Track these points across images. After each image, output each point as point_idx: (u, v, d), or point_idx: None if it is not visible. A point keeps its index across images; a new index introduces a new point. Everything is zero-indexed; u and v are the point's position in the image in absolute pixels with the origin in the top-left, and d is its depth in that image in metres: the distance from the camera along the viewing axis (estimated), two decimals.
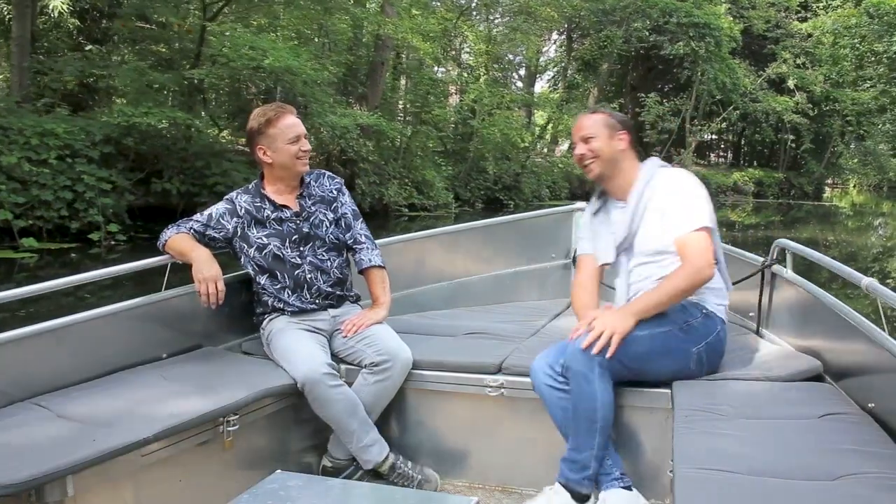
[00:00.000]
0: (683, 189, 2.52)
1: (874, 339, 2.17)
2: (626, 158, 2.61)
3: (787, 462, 1.81)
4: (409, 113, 19.52)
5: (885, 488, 1.67)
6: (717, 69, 27.39)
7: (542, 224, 4.01)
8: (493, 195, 20.39)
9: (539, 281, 3.93)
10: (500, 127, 19.94)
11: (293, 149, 2.75)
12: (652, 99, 27.06)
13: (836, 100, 30.45)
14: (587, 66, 26.43)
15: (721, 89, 27.86)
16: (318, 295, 2.83)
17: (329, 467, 2.75)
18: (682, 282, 2.40)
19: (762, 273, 2.97)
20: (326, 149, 15.04)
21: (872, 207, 31.86)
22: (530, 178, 21.86)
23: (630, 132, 2.64)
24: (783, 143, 32.62)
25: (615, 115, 2.65)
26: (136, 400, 2.30)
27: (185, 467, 2.33)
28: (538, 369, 2.47)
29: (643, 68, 31.76)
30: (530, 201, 20.77)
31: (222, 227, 2.80)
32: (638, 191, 2.57)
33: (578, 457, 2.34)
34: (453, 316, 3.51)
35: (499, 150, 21.04)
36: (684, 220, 2.46)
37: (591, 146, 2.58)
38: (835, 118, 31.44)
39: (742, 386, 2.40)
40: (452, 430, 2.82)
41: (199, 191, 12.16)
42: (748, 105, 29.28)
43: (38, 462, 1.86)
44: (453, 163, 19.82)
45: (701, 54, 26.43)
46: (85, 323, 2.48)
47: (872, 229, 21.55)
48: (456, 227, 3.95)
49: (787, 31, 29.71)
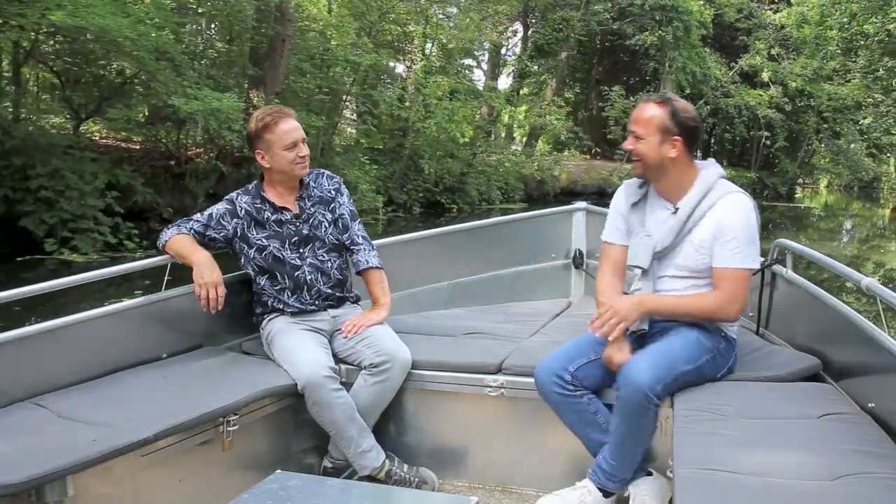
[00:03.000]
0: (747, 223, 2.40)
1: (874, 339, 2.17)
2: (676, 165, 2.44)
3: (787, 462, 1.81)
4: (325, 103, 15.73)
5: (885, 488, 1.67)
6: (686, 57, 24.90)
7: (542, 224, 4.00)
8: (433, 198, 17.55)
9: (539, 281, 3.92)
10: (438, 119, 16.91)
11: (290, 155, 2.74)
12: (616, 92, 24.21)
13: (811, 95, 28.39)
14: (541, 51, 23.75)
15: (691, 81, 25.49)
16: (317, 296, 2.83)
17: (329, 468, 2.76)
18: (708, 310, 2.40)
19: (762, 273, 2.97)
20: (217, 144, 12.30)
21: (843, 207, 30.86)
22: (478, 179, 19.10)
23: (688, 135, 2.43)
24: (756, 141, 30.61)
25: (676, 115, 2.41)
26: (136, 400, 2.30)
27: (185, 467, 2.33)
28: (545, 379, 2.46)
29: (609, 62, 30.04)
30: (477, 205, 18.36)
31: (222, 227, 2.80)
32: (692, 201, 2.43)
33: (619, 472, 2.39)
34: (453, 316, 3.51)
35: (441, 148, 18.09)
36: (735, 255, 2.38)
37: (637, 148, 2.43)
38: (810, 114, 29.48)
39: (742, 386, 2.40)
40: (452, 431, 2.82)
41: (22, 196, 9.35)
42: (719, 100, 26.96)
43: (38, 462, 1.86)
44: (389, 161, 17.17)
45: (668, 41, 23.95)
46: (85, 323, 2.48)
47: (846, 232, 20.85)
48: (456, 227, 3.95)
49: (760, 21, 27.68)
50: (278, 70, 14.24)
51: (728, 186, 2.47)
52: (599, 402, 2.48)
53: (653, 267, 2.52)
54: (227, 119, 10.81)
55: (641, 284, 2.53)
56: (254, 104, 12.95)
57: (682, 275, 2.48)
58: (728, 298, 2.40)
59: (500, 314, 3.56)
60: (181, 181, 11.84)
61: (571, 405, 2.45)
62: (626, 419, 2.30)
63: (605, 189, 23.10)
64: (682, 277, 2.49)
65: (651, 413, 2.28)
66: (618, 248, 2.62)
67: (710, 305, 2.41)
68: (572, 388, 2.43)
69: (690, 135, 2.43)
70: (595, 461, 2.45)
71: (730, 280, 2.39)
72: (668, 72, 25.02)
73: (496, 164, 20.24)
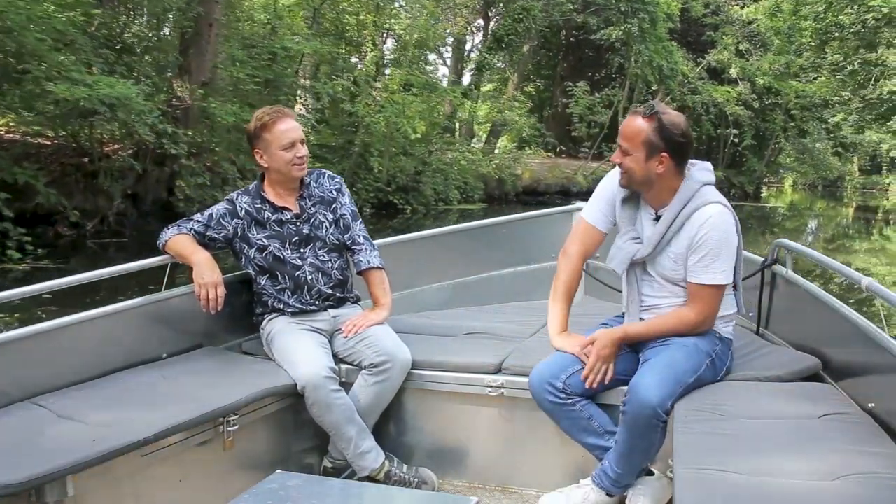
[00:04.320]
0: (721, 236, 2.37)
1: (874, 339, 2.18)
2: (662, 180, 2.39)
3: (787, 462, 1.81)
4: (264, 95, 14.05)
5: (885, 488, 1.67)
6: (653, 51, 23.49)
7: (542, 224, 4.01)
8: (385, 198, 16.35)
9: (539, 281, 3.92)
10: (388, 114, 15.69)
11: (287, 155, 2.74)
12: (581, 88, 23.22)
13: (779, 92, 27.76)
14: (500, 43, 22.27)
15: (657, 75, 24.21)
16: (318, 296, 2.83)
17: (329, 468, 2.76)
18: (679, 328, 2.42)
19: (762, 273, 2.97)
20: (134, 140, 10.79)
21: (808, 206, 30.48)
22: (434, 178, 17.68)
23: (674, 151, 2.35)
24: (723, 140, 29.99)
25: (662, 130, 2.33)
26: (136, 400, 2.30)
27: (185, 467, 2.33)
28: (538, 386, 2.47)
29: (574, 57, 29.22)
30: (433, 205, 17.19)
31: (222, 227, 2.80)
32: (672, 212, 2.41)
33: (624, 479, 2.41)
34: (453, 316, 3.51)
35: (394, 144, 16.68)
36: (707, 270, 2.38)
37: (625, 162, 2.40)
38: (777, 112, 28.92)
39: (742, 386, 2.40)
40: (452, 431, 2.82)
41: None
42: (686, 97, 25.72)
43: (38, 462, 1.86)
44: (339, 159, 15.91)
45: (634, 33, 22.61)
46: (85, 323, 2.48)
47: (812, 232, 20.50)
48: (456, 227, 3.95)
49: (728, 16, 26.99)
50: (205, 57, 12.35)
51: (708, 196, 2.41)
52: (594, 407, 2.48)
53: (635, 272, 2.54)
54: (140, 111, 9.50)
55: (625, 290, 2.58)
56: (177, 94, 11.72)
57: (663, 283, 2.50)
58: (699, 316, 2.41)
59: (500, 314, 3.56)
60: (95, 180, 10.43)
61: (565, 412, 2.46)
62: (634, 434, 2.30)
63: (569, 188, 22.44)
64: (662, 286, 2.50)
65: (660, 428, 2.28)
66: (596, 233, 2.62)
67: (681, 325, 2.42)
68: (564, 396, 2.44)
69: (678, 150, 2.36)
70: (600, 466, 2.45)
71: (700, 296, 2.40)
72: (633, 66, 23.76)
73: (451, 161, 18.80)
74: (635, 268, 2.53)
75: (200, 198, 11.50)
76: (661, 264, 2.47)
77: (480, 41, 24.94)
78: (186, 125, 11.63)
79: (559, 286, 2.65)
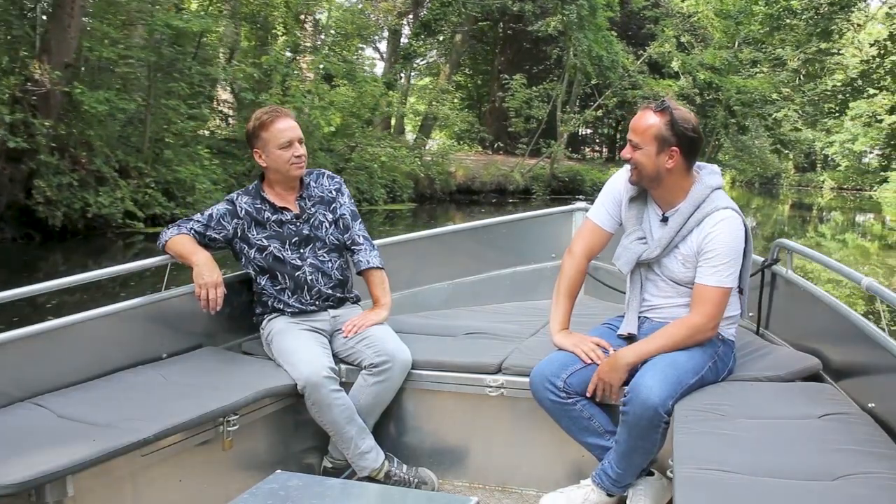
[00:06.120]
0: (731, 242, 2.38)
1: (874, 339, 2.18)
2: (672, 175, 2.40)
3: (787, 462, 1.81)
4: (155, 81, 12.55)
5: (885, 488, 1.67)
6: (592, 40, 22.56)
7: (542, 224, 4.01)
8: None
9: (539, 281, 3.92)
10: (296, 104, 14.43)
11: (285, 154, 2.74)
12: (517, 81, 22.27)
13: (719, 88, 26.93)
14: (427, 29, 21.45)
15: (597, 66, 23.26)
16: (318, 296, 2.83)
17: (329, 468, 2.76)
18: (684, 337, 2.39)
19: (762, 273, 2.97)
20: None
21: (745, 203, 29.85)
22: (358, 176, 16.63)
23: (686, 146, 2.37)
24: None
25: (674, 125, 2.34)
26: (136, 400, 2.30)
27: (185, 467, 2.33)
28: (539, 385, 2.47)
29: (511, 50, 28.67)
30: (358, 205, 17.04)
31: (222, 228, 2.80)
32: (682, 214, 2.42)
33: (624, 479, 2.41)
34: (453, 316, 3.51)
35: (311, 139, 15.11)
36: (716, 273, 2.38)
37: (635, 157, 2.40)
38: (718, 108, 27.89)
39: (742, 386, 2.40)
40: (452, 431, 2.82)
41: None
42: (626, 91, 24.78)
43: (38, 462, 1.86)
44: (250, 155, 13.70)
45: (572, 20, 21.53)
46: (85, 323, 2.48)
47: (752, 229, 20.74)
48: (456, 227, 3.96)
49: (668, 9, 26.47)
50: (67, 34, 10.44)
51: (719, 201, 2.42)
52: (594, 407, 2.48)
53: (640, 272, 2.54)
54: None
55: (632, 291, 2.57)
56: (36, 79, 10.08)
57: (668, 284, 2.50)
58: (705, 320, 2.39)
59: (500, 314, 3.56)
60: None
61: (566, 412, 2.46)
62: (635, 434, 2.30)
63: (505, 186, 21.69)
64: (667, 286, 2.51)
65: (661, 428, 2.28)
66: (601, 233, 2.63)
67: (686, 333, 2.39)
68: (564, 396, 2.44)
69: (689, 145, 2.38)
70: (600, 465, 2.45)
71: (706, 299, 2.39)
72: (572, 58, 22.89)
73: (372, 158, 17.48)
74: (640, 268, 2.54)
75: (67, 201, 10.19)
76: (669, 266, 2.47)
77: (396, 21, 23.92)
78: (47, 114, 9.99)
79: (562, 285, 2.65)
